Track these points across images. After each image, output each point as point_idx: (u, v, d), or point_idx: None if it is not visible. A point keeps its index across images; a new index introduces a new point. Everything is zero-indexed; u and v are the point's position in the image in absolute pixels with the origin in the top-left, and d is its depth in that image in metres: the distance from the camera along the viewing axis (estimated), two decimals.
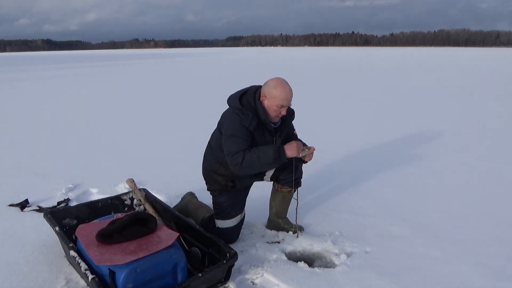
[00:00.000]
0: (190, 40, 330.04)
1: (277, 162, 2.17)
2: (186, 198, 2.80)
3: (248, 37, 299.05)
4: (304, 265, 2.20)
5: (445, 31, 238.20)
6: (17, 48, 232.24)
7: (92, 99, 9.17)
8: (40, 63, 30.24)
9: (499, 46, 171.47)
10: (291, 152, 2.18)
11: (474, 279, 2.08)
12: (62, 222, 2.34)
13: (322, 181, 3.54)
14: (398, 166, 3.97)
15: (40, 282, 2.02)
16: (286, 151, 2.17)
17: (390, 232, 2.59)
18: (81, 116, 6.92)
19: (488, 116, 6.79)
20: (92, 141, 5.03)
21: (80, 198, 3.16)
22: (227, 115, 2.29)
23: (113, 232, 1.92)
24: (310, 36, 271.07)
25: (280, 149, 2.16)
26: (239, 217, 2.43)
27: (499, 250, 2.37)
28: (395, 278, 2.09)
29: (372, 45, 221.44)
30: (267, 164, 2.17)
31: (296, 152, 2.19)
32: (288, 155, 2.18)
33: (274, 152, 2.13)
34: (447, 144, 4.91)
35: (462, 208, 3.00)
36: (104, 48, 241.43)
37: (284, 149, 2.17)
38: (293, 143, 2.22)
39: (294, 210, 2.53)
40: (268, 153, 2.13)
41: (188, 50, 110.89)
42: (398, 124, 6.08)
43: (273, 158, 2.13)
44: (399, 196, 3.21)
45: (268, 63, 26.07)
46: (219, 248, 2.06)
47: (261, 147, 2.17)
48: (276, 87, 2.21)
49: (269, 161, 2.14)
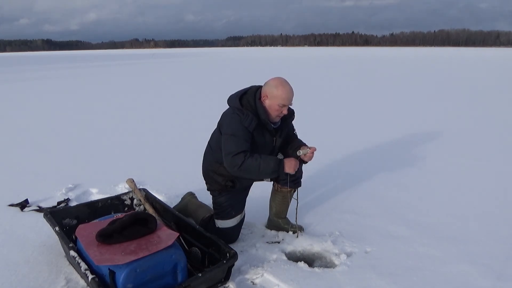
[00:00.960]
0: (190, 40, 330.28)
1: (275, 174, 2.21)
2: (186, 198, 2.80)
3: (248, 37, 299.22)
4: (304, 265, 2.20)
5: (445, 31, 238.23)
6: (17, 48, 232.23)
7: (92, 99, 9.17)
8: (40, 63, 30.24)
9: (499, 46, 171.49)
10: (289, 169, 2.21)
11: (474, 279, 2.08)
12: (62, 222, 2.34)
13: (322, 181, 3.54)
14: (398, 166, 3.97)
15: (40, 282, 2.02)
16: (285, 165, 2.20)
17: (390, 232, 2.59)
18: (81, 116, 6.92)
19: (488, 116, 6.79)
20: (92, 141, 5.03)
21: (80, 198, 3.16)
22: (227, 115, 2.29)
23: (113, 232, 1.92)
24: (310, 36, 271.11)
25: (281, 163, 2.19)
26: (239, 217, 2.43)
27: (499, 250, 2.37)
28: (395, 278, 2.09)
29: (372, 45, 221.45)
30: (265, 174, 2.21)
31: (292, 171, 2.23)
32: (285, 170, 2.20)
33: (275, 165, 2.16)
34: (447, 144, 4.91)
35: (462, 208, 3.00)
36: (104, 48, 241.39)
37: (284, 163, 2.19)
38: (294, 161, 2.23)
39: (294, 210, 2.53)
40: (269, 164, 2.15)
41: (188, 50, 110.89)
42: (398, 124, 6.08)
43: (272, 170, 2.16)
44: (399, 196, 3.21)
45: (268, 63, 26.06)
46: (219, 248, 2.06)
47: (264, 156, 2.18)
48: (278, 86, 2.21)
49: (267, 172, 2.17)
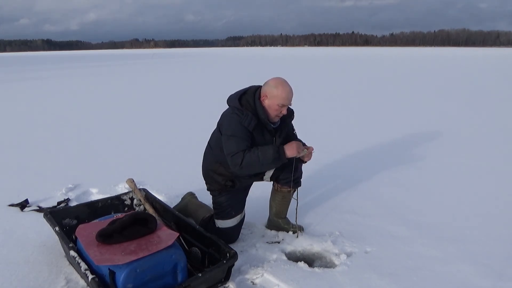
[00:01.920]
0: (190, 40, 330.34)
1: (277, 162, 2.17)
2: (186, 198, 2.80)
3: (248, 37, 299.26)
4: (304, 265, 2.20)
5: (445, 31, 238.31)
6: (17, 48, 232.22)
7: (92, 99, 9.17)
8: (40, 63, 30.24)
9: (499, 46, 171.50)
10: (291, 152, 2.18)
11: (474, 279, 2.08)
12: (62, 222, 2.34)
13: (322, 181, 3.54)
14: (398, 166, 3.97)
15: (40, 282, 2.02)
16: (286, 151, 2.17)
17: (390, 232, 2.59)
18: (81, 116, 6.92)
19: (488, 116, 6.79)
20: (92, 141, 5.03)
21: (80, 198, 3.16)
22: (227, 115, 2.29)
23: (113, 232, 1.92)
24: (310, 36, 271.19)
25: (280, 149, 2.16)
26: (239, 217, 2.43)
27: (499, 250, 2.37)
28: (395, 278, 2.09)
29: (372, 45, 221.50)
30: (267, 164, 2.17)
31: (296, 152, 2.19)
32: (288, 155, 2.18)
33: (274, 152, 2.14)
34: (447, 143, 4.91)
35: (462, 208, 3.00)
36: (104, 48, 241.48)
37: (284, 149, 2.18)
38: (293, 143, 2.22)
39: (294, 210, 2.53)
40: (268, 153, 2.13)
41: (188, 50, 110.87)
42: (398, 124, 6.08)
43: (272, 158, 2.13)
44: (399, 196, 3.21)
45: (268, 63, 26.05)
46: (219, 248, 2.06)
47: (261, 147, 2.17)
48: (277, 86, 2.21)
49: (269, 161, 2.14)
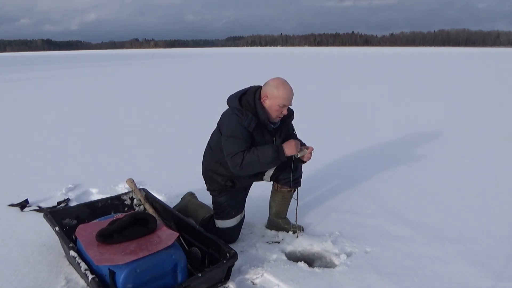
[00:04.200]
0: (190, 40, 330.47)
1: (277, 161, 2.17)
2: (186, 198, 2.80)
3: (248, 37, 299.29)
4: (304, 265, 2.20)
5: (445, 31, 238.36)
6: (17, 48, 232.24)
7: (91, 99, 9.16)
8: (40, 63, 30.23)
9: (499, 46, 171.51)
10: (290, 151, 2.19)
11: (474, 279, 2.08)
12: (62, 222, 2.34)
13: (322, 181, 3.54)
14: (398, 166, 3.97)
15: (40, 282, 2.02)
16: (285, 149, 2.18)
17: (390, 232, 2.59)
18: (81, 116, 6.92)
19: (489, 116, 6.79)
20: (92, 141, 5.03)
21: (80, 198, 3.16)
22: (227, 116, 2.29)
23: (113, 232, 1.92)
24: (310, 36, 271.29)
25: (279, 148, 2.17)
26: (239, 217, 2.43)
27: (499, 250, 2.37)
28: (395, 278, 2.09)
29: (372, 45, 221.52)
30: (267, 164, 2.17)
31: (294, 151, 2.20)
32: (287, 154, 2.18)
33: (273, 151, 2.14)
34: (447, 143, 4.91)
35: (462, 208, 3.00)
36: (104, 48, 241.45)
37: (283, 147, 2.18)
38: (291, 141, 2.22)
39: (294, 210, 2.53)
40: (267, 153, 2.13)
41: (188, 50, 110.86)
42: (397, 124, 6.08)
43: (272, 157, 2.13)
44: (399, 196, 3.21)
45: (268, 63, 26.05)
46: (219, 248, 2.06)
47: (260, 147, 2.17)
48: (278, 87, 2.21)
49: (268, 161, 2.14)
